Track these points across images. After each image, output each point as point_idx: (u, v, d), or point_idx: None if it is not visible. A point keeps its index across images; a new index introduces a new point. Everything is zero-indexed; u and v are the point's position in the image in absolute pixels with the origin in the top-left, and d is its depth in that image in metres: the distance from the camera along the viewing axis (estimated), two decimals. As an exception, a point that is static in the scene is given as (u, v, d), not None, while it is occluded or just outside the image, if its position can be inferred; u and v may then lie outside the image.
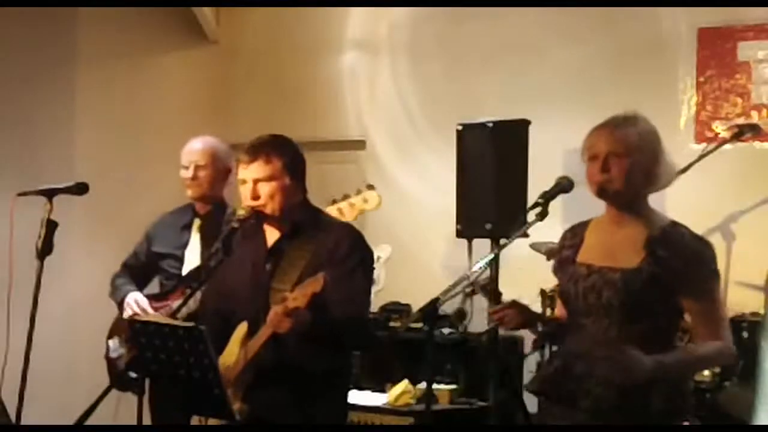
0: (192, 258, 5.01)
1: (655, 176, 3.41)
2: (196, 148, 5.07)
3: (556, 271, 3.56)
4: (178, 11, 7.24)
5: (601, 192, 3.41)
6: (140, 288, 5.09)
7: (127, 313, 4.90)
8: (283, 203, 3.82)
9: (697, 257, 3.38)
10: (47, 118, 6.80)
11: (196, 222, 5.08)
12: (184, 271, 5.00)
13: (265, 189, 3.80)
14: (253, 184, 3.81)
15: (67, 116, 6.87)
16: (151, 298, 5.02)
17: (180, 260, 5.04)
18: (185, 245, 5.05)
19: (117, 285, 5.11)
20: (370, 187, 4.76)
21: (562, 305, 3.59)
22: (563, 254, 3.57)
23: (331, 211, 4.86)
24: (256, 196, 3.81)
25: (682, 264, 3.34)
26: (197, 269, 4.93)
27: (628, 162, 3.37)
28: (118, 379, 4.67)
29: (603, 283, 3.40)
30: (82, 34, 6.92)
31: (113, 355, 5.04)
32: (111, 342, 5.08)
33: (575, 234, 3.58)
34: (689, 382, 3.61)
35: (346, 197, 4.83)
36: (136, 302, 4.93)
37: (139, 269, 5.17)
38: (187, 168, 5.05)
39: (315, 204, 4.04)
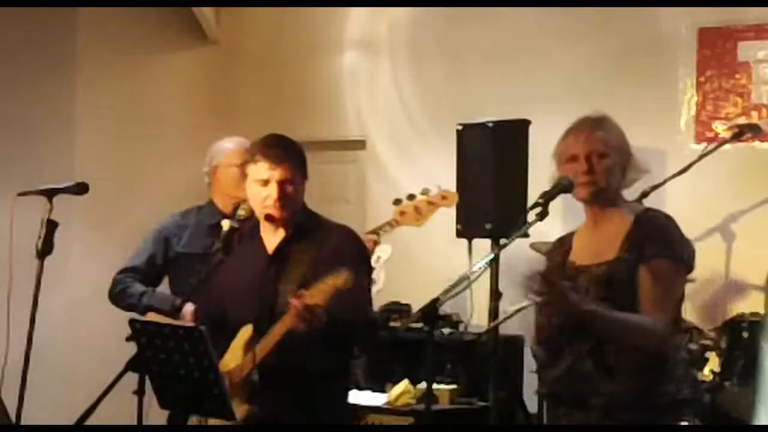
0: None
1: (627, 173, 3.51)
2: (234, 151, 4.73)
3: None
4: (178, 11, 7.23)
5: (588, 194, 3.46)
6: None
7: None
8: (298, 205, 3.86)
9: (662, 225, 3.43)
10: (47, 118, 6.80)
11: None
12: None
13: (289, 190, 3.81)
14: (278, 186, 3.78)
15: (67, 116, 6.86)
16: None
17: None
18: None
19: (139, 292, 4.68)
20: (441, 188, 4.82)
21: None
22: (554, 262, 3.60)
23: (406, 209, 4.85)
24: (282, 195, 3.79)
25: (651, 233, 3.39)
26: None
27: (609, 161, 3.46)
28: None
29: (593, 280, 3.42)
30: (82, 34, 6.92)
31: None
32: None
33: (563, 243, 3.64)
34: (696, 375, 3.61)
35: (411, 197, 4.84)
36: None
37: (154, 273, 4.81)
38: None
39: (316, 204, 4.06)
